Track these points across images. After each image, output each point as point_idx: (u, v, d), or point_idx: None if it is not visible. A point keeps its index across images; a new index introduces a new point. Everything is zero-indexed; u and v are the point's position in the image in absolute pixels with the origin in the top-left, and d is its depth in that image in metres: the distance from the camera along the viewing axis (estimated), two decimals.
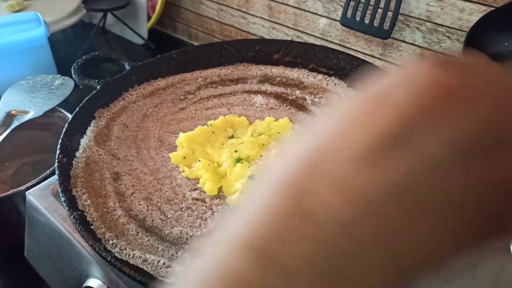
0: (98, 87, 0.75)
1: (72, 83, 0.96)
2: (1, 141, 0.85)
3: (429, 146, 0.19)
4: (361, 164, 0.19)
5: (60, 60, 1.33)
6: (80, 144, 0.65)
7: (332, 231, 0.19)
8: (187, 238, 0.56)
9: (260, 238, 0.20)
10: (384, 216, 0.19)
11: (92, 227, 0.53)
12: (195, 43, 1.40)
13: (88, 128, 0.68)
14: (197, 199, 0.61)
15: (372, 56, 0.99)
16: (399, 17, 0.87)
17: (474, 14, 0.79)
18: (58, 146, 0.63)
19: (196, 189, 0.63)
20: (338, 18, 0.98)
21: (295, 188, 0.20)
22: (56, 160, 0.61)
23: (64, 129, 0.66)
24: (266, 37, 1.17)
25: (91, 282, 0.61)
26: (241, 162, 0.65)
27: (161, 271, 0.50)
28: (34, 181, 0.75)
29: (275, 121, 0.74)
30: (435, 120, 0.19)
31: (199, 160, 0.66)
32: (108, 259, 0.49)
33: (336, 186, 0.20)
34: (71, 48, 1.37)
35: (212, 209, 0.60)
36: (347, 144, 0.20)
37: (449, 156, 0.19)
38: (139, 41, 1.41)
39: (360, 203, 0.19)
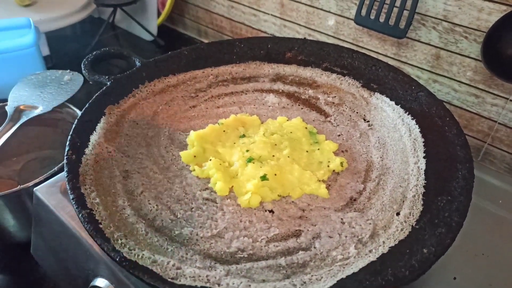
0: (108, 83, 0.74)
1: (82, 79, 0.95)
2: (10, 136, 0.84)
3: None
4: None
5: (68, 55, 1.32)
6: (89, 141, 0.64)
7: None
8: (197, 239, 0.54)
9: None
10: None
11: (100, 226, 0.52)
12: (205, 40, 1.38)
13: (98, 124, 0.67)
14: (207, 199, 0.60)
15: (386, 55, 0.97)
16: (415, 16, 0.85)
17: (493, 14, 0.77)
18: (67, 143, 0.62)
19: (206, 188, 0.61)
20: (352, 17, 0.96)
21: None
22: (65, 157, 0.60)
23: (73, 125, 0.65)
24: (277, 35, 1.15)
25: (98, 282, 0.60)
26: (252, 162, 0.63)
27: (171, 273, 0.48)
28: (41, 178, 0.74)
29: (287, 120, 0.73)
30: None
31: (210, 159, 0.64)
32: (117, 259, 0.48)
33: None
34: (80, 44, 1.37)
35: (223, 209, 0.58)
36: None
37: None
38: (148, 37, 1.40)
39: None
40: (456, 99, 0.89)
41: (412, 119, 0.69)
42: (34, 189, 0.68)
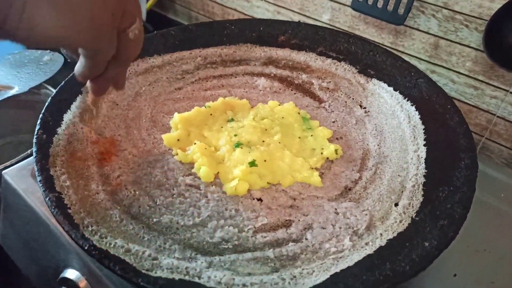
0: None
1: (62, 60, 0.90)
2: None
3: None
4: None
5: None
6: (63, 120, 0.59)
7: None
8: (177, 228, 0.49)
9: None
10: None
11: (69, 211, 0.47)
12: None
13: (73, 103, 0.62)
14: (190, 185, 0.55)
15: (382, 44, 0.93)
16: (414, 3, 0.81)
17: (495, 1, 0.74)
18: (38, 121, 0.57)
19: (190, 174, 0.57)
20: (348, 3, 0.92)
21: None
22: (35, 136, 0.55)
23: (46, 103, 0.59)
24: None
25: (69, 273, 0.55)
26: (241, 147, 0.59)
27: (146, 264, 0.43)
28: (13, 161, 0.69)
29: (279, 105, 0.68)
30: None
31: (195, 143, 0.59)
32: (86, 247, 0.43)
33: None
34: None
35: (207, 196, 0.54)
36: None
37: None
38: None
39: None
40: (454, 91, 0.86)
41: (411, 105, 0.64)
42: (3, 172, 0.63)
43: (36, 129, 0.56)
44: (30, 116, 0.90)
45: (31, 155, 0.68)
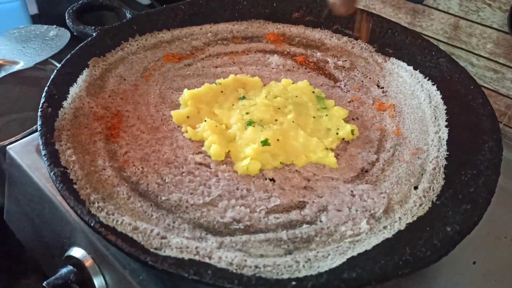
0: (94, 34, 0.66)
1: (68, 35, 0.87)
2: None
3: None
4: None
5: (60, 16, 1.23)
6: (68, 94, 0.56)
7: None
8: (186, 207, 0.47)
9: None
10: None
11: (75, 186, 0.45)
12: None
13: (80, 77, 0.59)
14: (200, 164, 0.53)
15: None
16: None
17: None
18: (43, 94, 0.55)
19: (200, 152, 0.54)
20: None
21: None
22: (40, 109, 0.53)
23: (51, 76, 0.57)
24: None
25: (74, 251, 0.53)
26: (253, 126, 0.56)
27: (154, 242, 0.42)
28: (18, 137, 0.67)
29: (292, 83, 0.65)
30: None
31: (205, 121, 0.57)
32: (92, 224, 0.41)
33: None
34: (72, 4, 1.28)
35: (217, 175, 0.51)
36: None
37: None
38: (145, 1, 1.31)
39: None
40: (473, 74, 0.82)
41: (432, 84, 0.62)
42: (8, 147, 0.61)
43: (41, 102, 0.54)
44: (35, 93, 0.88)
45: (36, 131, 0.67)
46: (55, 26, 0.91)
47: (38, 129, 0.50)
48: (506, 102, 0.80)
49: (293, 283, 0.39)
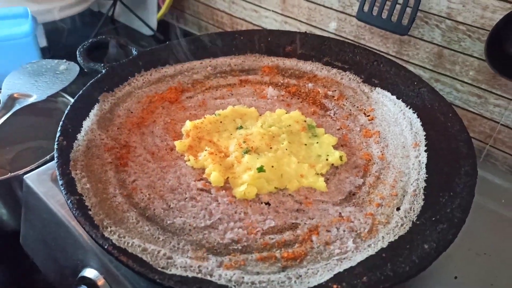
0: (103, 71, 0.72)
1: (78, 69, 0.93)
2: (2, 124, 0.82)
3: None
4: None
5: (67, 47, 1.30)
6: (82, 127, 0.62)
7: None
8: (190, 230, 0.52)
9: None
10: None
11: (90, 212, 0.50)
12: None
13: (92, 111, 0.65)
14: (202, 190, 0.58)
15: (387, 53, 0.95)
16: (418, 13, 0.84)
17: (497, 12, 0.76)
18: (59, 128, 0.60)
19: (201, 179, 0.60)
20: (354, 13, 0.95)
21: None
22: (56, 142, 0.58)
23: (66, 111, 0.63)
24: None
25: (88, 272, 0.58)
26: (249, 153, 0.62)
27: (161, 262, 0.46)
28: (33, 166, 0.72)
29: (286, 113, 0.71)
30: None
31: (206, 150, 0.62)
32: (105, 246, 0.46)
33: None
34: (79, 36, 1.35)
35: (217, 200, 0.56)
36: None
37: None
38: (148, 32, 1.38)
39: None
40: (458, 99, 0.88)
41: (413, 112, 0.67)
42: (24, 176, 0.66)
43: (57, 136, 0.59)
44: (47, 123, 0.94)
45: (50, 160, 0.72)
46: (65, 60, 0.97)
47: (55, 161, 0.56)
48: (491, 125, 0.85)
49: None
